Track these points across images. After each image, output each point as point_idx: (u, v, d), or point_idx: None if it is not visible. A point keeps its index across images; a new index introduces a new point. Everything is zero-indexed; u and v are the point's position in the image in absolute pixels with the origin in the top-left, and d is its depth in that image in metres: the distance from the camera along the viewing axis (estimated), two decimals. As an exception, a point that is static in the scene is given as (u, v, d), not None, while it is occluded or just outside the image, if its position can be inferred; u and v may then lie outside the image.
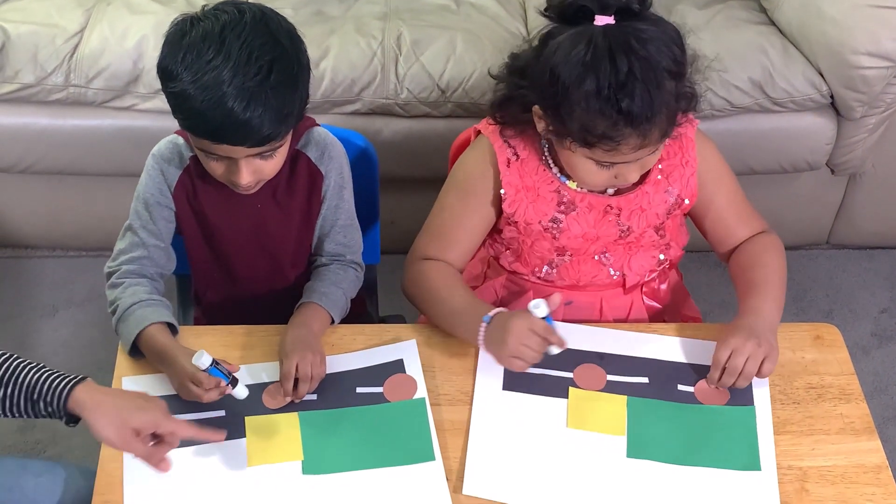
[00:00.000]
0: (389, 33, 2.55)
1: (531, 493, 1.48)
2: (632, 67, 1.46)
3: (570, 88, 1.50)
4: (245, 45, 1.49)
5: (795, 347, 1.69)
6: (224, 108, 1.48)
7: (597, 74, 1.47)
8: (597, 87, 1.47)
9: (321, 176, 1.75)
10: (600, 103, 1.48)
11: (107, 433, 1.41)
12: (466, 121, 2.46)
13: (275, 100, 1.51)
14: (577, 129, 1.53)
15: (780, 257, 1.76)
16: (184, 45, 1.50)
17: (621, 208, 1.71)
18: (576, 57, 1.49)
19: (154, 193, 1.71)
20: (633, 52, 1.47)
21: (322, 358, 1.61)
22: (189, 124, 1.56)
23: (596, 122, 1.50)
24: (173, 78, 1.51)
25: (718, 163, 1.77)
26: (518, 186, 1.70)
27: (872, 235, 2.94)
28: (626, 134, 1.50)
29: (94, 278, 2.80)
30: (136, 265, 1.71)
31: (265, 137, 1.54)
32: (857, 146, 2.62)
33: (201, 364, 1.50)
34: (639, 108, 1.47)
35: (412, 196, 2.67)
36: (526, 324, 1.56)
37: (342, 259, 1.81)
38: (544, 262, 1.78)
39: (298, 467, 1.50)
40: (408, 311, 2.04)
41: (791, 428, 1.57)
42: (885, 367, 2.68)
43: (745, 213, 1.80)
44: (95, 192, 2.70)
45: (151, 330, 1.60)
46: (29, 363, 1.45)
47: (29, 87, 2.47)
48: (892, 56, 2.40)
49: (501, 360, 1.60)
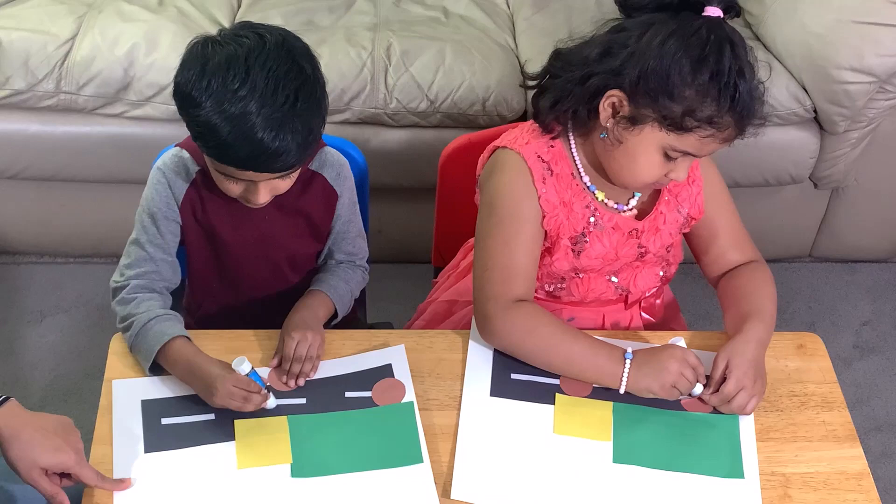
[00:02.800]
0: (379, 44, 2.57)
1: (518, 498, 1.49)
2: (742, 63, 1.52)
3: (688, 71, 1.52)
4: (271, 74, 1.50)
5: (779, 356, 1.71)
6: (253, 138, 1.49)
7: (720, 59, 1.51)
8: (718, 71, 1.51)
9: (336, 195, 1.77)
10: (719, 87, 1.51)
11: (15, 466, 1.41)
12: (455, 131, 2.48)
13: (301, 126, 1.52)
14: (679, 113, 1.54)
15: (771, 288, 1.76)
16: (207, 72, 1.50)
17: (643, 231, 1.73)
18: (697, 41, 1.52)
19: (161, 207, 1.71)
20: (743, 49, 1.53)
21: (322, 339, 1.64)
22: (216, 153, 1.57)
23: (706, 105, 1.52)
24: (197, 105, 1.51)
25: (720, 184, 1.79)
26: (555, 203, 1.67)
27: (854, 249, 2.97)
28: (726, 123, 1.54)
29: (81, 285, 2.80)
30: (145, 280, 1.70)
31: (292, 164, 1.56)
32: (839, 160, 2.65)
33: (242, 370, 1.53)
34: (748, 99, 1.53)
35: (400, 206, 2.69)
36: (682, 354, 1.61)
37: (349, 262, 1.85)
38: (555, 280, 1.78)
39: (287, 470, 1.51)
40: (395, 319, 2.06)
41: (774, 435, 1.59)
42: (867, 378, 2.70)
43: (741, 239, 1.81)
44: (85, 198, 2.70)
45: (176, 344, 1.60)
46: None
47: (20, 94, 2.48)
48: (874, 71, 2.43)
49: (662, 389, 1.60)
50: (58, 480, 1.44)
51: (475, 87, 2.50)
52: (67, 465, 1.43)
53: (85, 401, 2.42)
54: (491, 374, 1.65)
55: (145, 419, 1.56)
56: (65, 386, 2.55)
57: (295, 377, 1.60)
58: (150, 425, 1.56)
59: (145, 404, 1.59)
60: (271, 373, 1.62)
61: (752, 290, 1.75)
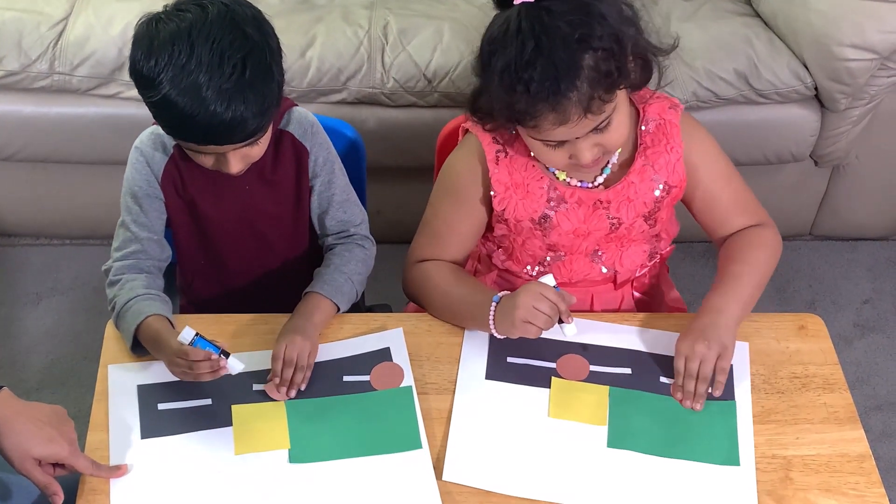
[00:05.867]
0: (376, 22, 2.54)
1: (511, 480, 1.49)
2: (538, 43, 1.46)
3: (486, 68, 1.52)
4: (216, 46, 1.48)
5: (780, 337, 1.70)
6: (206, 112, 1.48)
7: (504, 51, 1.48)
8: (505, 63, 1.48)
9: (306, 152, 1.75)
10: (510, 80, 1.48)
11: (9, 456, 1.41)
12: (453, 111, 2.46)
13: (254, 95, 1.51)
14: (501, 107, 1.53)
15: (766, 254, 1.73)
16: (154, 51, 1.49)
17: (610, 201, 1.71)
18: (489, 37, 1.51)
19: (142, 185, 1.71)
20: (542, 28, 1.46)
21: (313, 346, 1.61)
22: (174, 132, 1.57)
23: (511, 98, 1.50)
24: (148, 86, 1.51)
25: (709, 148, 1.74)
26: (507, 184, 1.70)
27: (855, 227, 2.96)
28: (541, 110, 1.49)
29: (78, 266, 2.79)
30: (131, 260, 1.71)
31: (251, 132, 1.55)
32: (840, 138, 2.63)
33: (185, 338, 1.49)
34: (541, 85, 1.47)
35: (398, 186, 2.67)
36: (537, 288, 1.57)
37: (346, 235, 1.81)
38: (536, 261, 1.78)
39: (285, 456, 1.51)
40: (394, 301, 2.04)
41: (775, 417, 1.58)
42: (868, 357, 2.69)
43: (742, 201, 1.77)
44: (80, 179, 2.69)
45: (147, 321, 1.59)
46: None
47: (13, 75, 2.46)
48: (876, 48, 2.41)
49: (512, 330, 1.59)
50: (51, 470, 1.44)
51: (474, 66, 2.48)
52: (61, 455, 1.42)
53: (82, 384, 2.41)
54: (486, 357, 1.64)
55: (141, 405, 1.56)
56: (62, 369, 2.54)
57: (286, 385, 1.58)
58: (146, 411, 1.55)
59: (141, 389, 1.58)
60: (269, 383, 1.59)
61: (735, 258, 1.73)
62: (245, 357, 1.60)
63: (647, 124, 1.70)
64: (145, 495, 1.45)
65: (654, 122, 1.70)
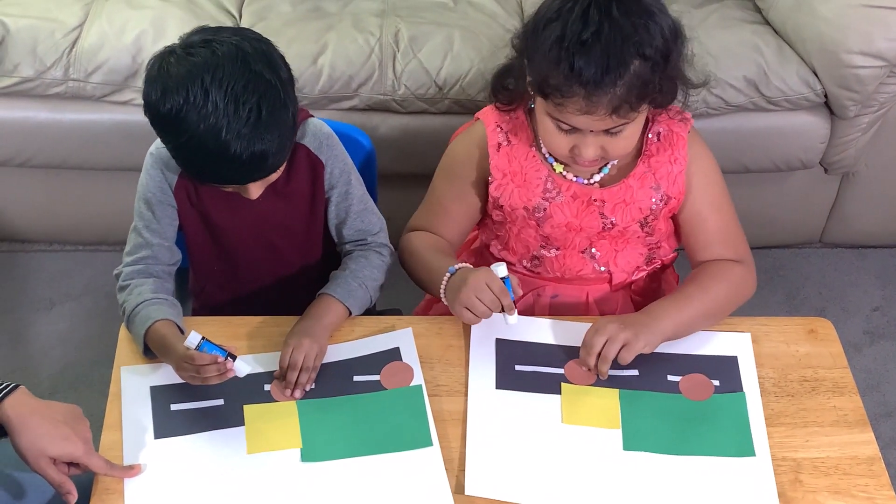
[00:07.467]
0: (387, 30, 2.56)
1: (534, 490, 1.49)
2: (600, 29, 1.47)
3: (538, 32, 1.52)
4: (230, 92, 1.49)
5: (790, 341, 1.71)
6: (227, 156, 1.51)
7: (564, 23, 1.48)
8: (560, 36, 1.49)
9: (321, 164, 1.75)
10: (559, 52, 1.49)
11: (24, 455, 1.42)
12: (463, 117, 2.47)
13: (271, 134, 1.53)
14: (536, 76, 1.54)
15: (726, 289, 1.70)
16: (169, 96, 1.50)
17: (605, 201, 1.72)
18: (556, 4, 1.51)
19: (155, 192, 1.72)
20: (608, 16, 1.47)
21: (321, 348, 1.61)
22: (194, 174, 1.61)
23: (551, 71, 1.50)
24: (166, 132, 1.55)
25: (709, 170, 1.74)
26: (506, 171, 1.72)
27: (865, 234, 2.96)
28: (575, 92, 1.50)
29: (91, 272, 2.80)
30: (141, 265, 1.71)
31: (271, 168, 1.58)
32: (850, 145, 2.63)
33: (191, 343, 1.50)
34: (590, 71, 1.48)
35: (409, 192, 2.66)
36: (484, 277, 1.58)
37: (363, 243, 1.81)
38: (530, 252, 1.80)
39: (297, 455, 1.51)
40: (405, 306, 2.06)
41: (785, 420, 1.59)
42: (877, 364, 2.69)
43: (727, 233, 1.75)
44: (93, 186, 2.70)
45: (156, 326, 1.60)
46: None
47: (28, 81, 2.47)
48: (885, 55, 2.41)
49: (454, 309, 1.62)
50: (66, 469, 1.44)
51: (484, 72, 2.49)
52: (75, 455, 1.43)
53: (94, 389, 2.41)
54: (495, 366, 1.64)
55: (154, 405, 1.57)
56: (74, 374, 2.55)
57: (291, 387, 1.58)
58: (159, 411, 1.56)
59: (154, 390, 1.59)
60: (274, 383, 1.60)
61: (697, 279, 1.71)
62: (256, 358, 1.62)
63: (654, 132, 1.71)
64: (159, 495, 1.46)
65: (661, 131, 1.71)
